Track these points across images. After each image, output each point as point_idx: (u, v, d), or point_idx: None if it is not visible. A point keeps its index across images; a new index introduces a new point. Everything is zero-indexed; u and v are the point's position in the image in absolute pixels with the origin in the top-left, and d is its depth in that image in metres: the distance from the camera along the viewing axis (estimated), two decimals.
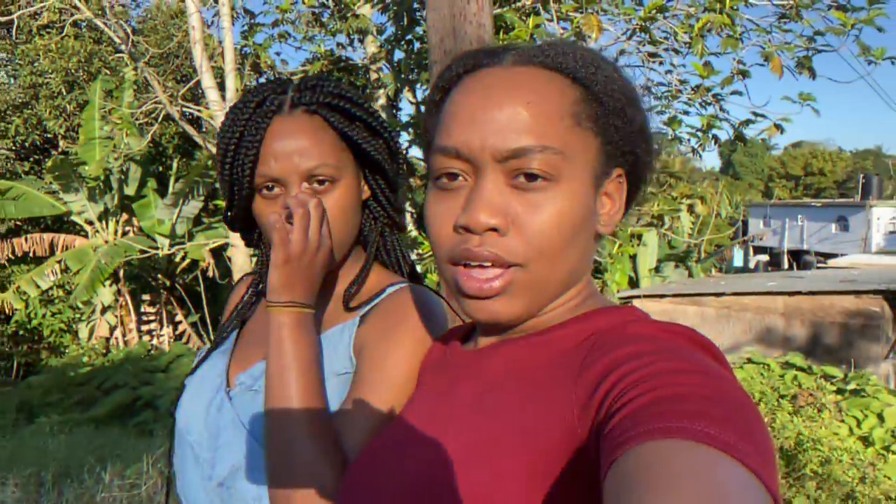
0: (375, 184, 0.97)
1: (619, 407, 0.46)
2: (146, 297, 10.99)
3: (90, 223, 10.21)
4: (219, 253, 9.74)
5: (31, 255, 10.21)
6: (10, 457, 4.09)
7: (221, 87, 7.55)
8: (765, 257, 25.03)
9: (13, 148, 11.59)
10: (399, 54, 7.78)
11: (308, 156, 0.88)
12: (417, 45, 7.37)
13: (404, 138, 7.78)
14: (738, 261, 22.20)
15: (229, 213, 0.95)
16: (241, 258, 7.46)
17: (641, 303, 8.14)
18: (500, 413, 0.56)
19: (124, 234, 10.44)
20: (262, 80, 8.57)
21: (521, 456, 0.52)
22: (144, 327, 10.94)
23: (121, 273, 10.08)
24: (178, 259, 10.23)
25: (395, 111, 8.40)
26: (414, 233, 6.74)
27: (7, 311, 9.81)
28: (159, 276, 10.68)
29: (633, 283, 10.48)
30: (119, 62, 10.94)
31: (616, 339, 0.55)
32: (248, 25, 7.80)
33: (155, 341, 10.69)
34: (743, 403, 0.45)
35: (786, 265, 23.59)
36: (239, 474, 0.84)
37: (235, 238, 7.14)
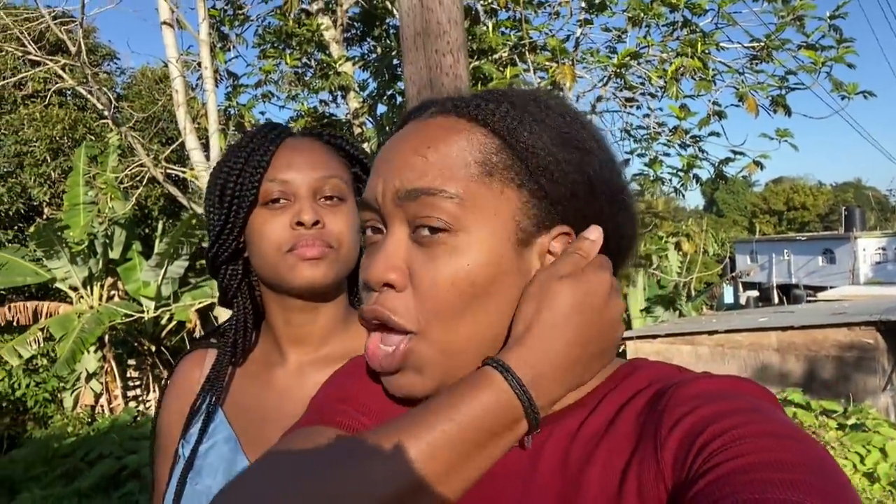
0: None
1: (707, 469, 0.43)
2: (132, 361, 10.79)
3: (74, 289, 10.10)
4: (205, 313, 9.62)
5: (14, 323, 10.04)
6: None
7: (205, 147, 7.61)
8: (754, 293, 25.11)
9: None
10: (381, 108, 7.91)
11: (321, 167, 0.89)
12: (399, 98, 7.50)
13: None
14: (728, 297, 22.26)
15: (221, 240, 0.91)
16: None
17: (635, 344, 8.08)
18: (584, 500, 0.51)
19: (109, 298, 10.31)
20: None
21: None
22: (130, 393, 10.70)
23: (106, 338, 9.91)
24: (164, 321, 10.09)
25: None
26: None
27: None
28: (144, 340, 10.51)
29: (626, 324, 10.42)
30: (103, 128, 11.02)
31: (688, 400, 0.50)
32: (232, 87, 7.93)
33: (141, 407, 10.43)
34: (833, 469, 0.43)
35: (776, 300, 23.66)
36: None
37: None
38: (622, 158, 0.61)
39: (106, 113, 7.53)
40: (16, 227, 11.94)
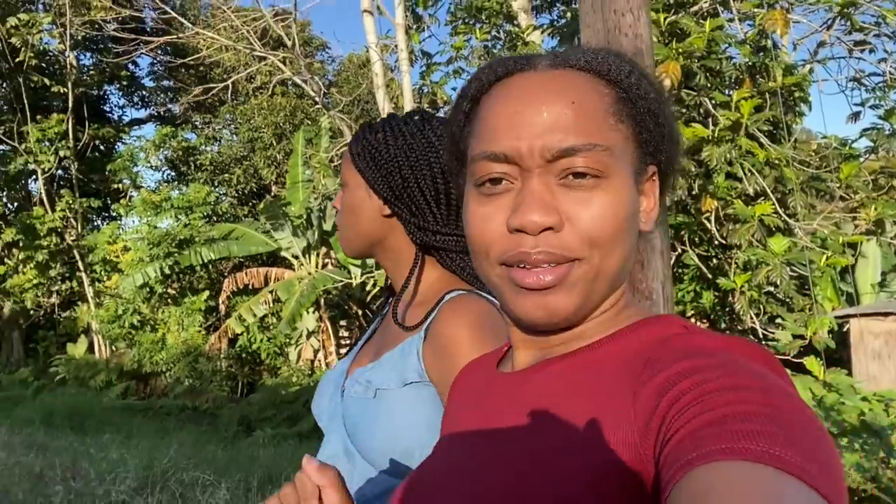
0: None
1: (679, 427, 0.44)
2: (343, 322, 11.97)
3: (296, 257, 11.42)
4: None
5: (250, 286, 11.65)
6: (227, 464, 4.69)
7: None
8: None
9: (235, 195, 13.40)
10: None
11: None
12: None
13: None
14: None
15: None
16: None
17: (860, 322, 7.14)
18: (555, 437, 0.55)
19: (324, 266, 11.51)
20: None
21: (584, 480, 0.50)
22: (342, 350, 11.91)
23: (322, 301, 11.10)
24: (369, 287, 11.02)
25: None
26: None
27: (230, 335, 11.29)
28: (353, 303, 11.57)
29: (852, 299, 9.21)
30: (318, 112, 12.20)
31: (671, 354, 0.52)
32: (426, 65, 8.25)
33: None
34: (807, 420, 0.43)
35: None
36: (335, 461, 0.94)
37: None
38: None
39: (317, 99, 8.32)
40: (250, 204, 13.77)
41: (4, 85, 12.15)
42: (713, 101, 5.05)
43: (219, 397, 10.16)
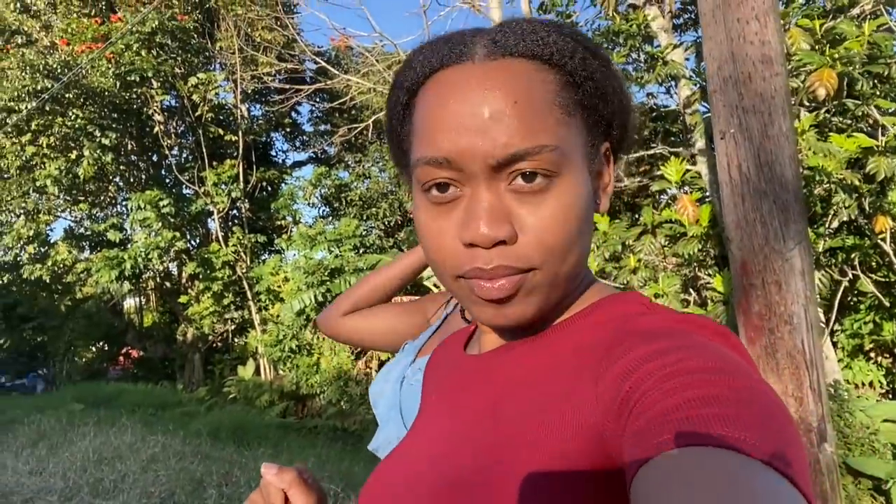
0: None
1: (643, 411, 0.44)
2: None
3: (436, 286, 11.77)
4: None
5: None
6: (361, 480, 4.90)
7: None
8: None
9: (381, 227, 14.13)
10: None
11: None
12: None
13: None
14: None
15: None
16: None
17: None
18: (518, 421, 0.54)
19: None
20: None
21: (546, 464, 0.50)
22: None
23: None
24: None
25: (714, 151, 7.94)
26: None
27: (377, 360, 11.81)
28: None
29: None
30: None
31: (633, 336, 0.52)
32: None
33: None
34: (773, 405, 0.42)
35: None
36: (387, 447, 0.98)
37: None
38: None
39: None
40: (394, 236, 14.44)
41: (189, 137, 13.89)
42: (882, 110, 4.59)
43: (366, 420, 10.61)
